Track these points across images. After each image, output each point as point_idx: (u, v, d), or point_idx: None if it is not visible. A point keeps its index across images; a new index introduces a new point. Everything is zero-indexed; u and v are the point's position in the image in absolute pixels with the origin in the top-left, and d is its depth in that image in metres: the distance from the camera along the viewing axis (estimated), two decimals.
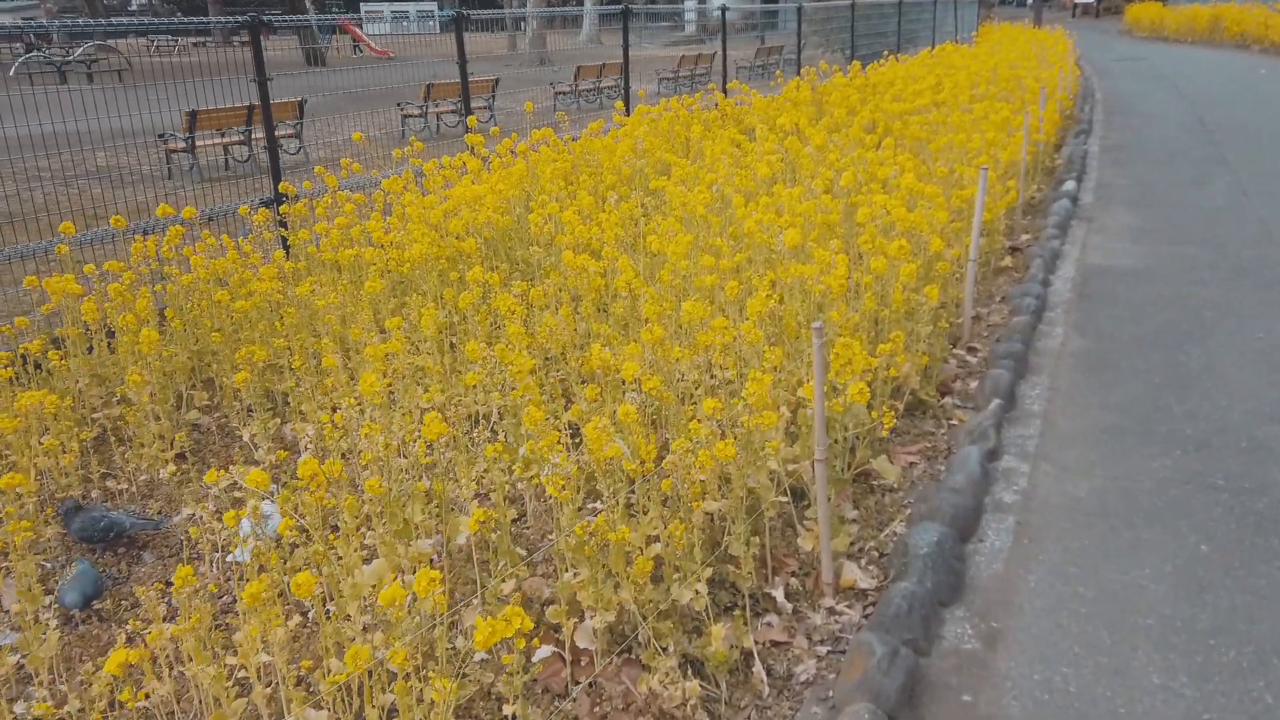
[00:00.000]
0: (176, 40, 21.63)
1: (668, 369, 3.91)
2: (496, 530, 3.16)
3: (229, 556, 3.69)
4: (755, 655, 2.98)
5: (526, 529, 3.88)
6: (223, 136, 11.84)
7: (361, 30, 24.57)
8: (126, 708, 2.90)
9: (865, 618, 3.21)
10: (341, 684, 2.57)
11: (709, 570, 2.95)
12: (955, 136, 7.64)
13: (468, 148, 7.39)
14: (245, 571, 3.02)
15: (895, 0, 23.32)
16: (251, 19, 6.78)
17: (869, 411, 3.67)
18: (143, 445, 4.47)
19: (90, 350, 5.04)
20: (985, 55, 16.73)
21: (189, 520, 4.07)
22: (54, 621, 3.37)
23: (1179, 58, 27.44)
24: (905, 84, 10.91)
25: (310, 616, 3.35)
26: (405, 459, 3.72)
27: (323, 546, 2.82)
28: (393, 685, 2.44)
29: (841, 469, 3.63)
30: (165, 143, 11.15)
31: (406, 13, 27.64)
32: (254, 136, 11.49)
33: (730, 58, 15.42)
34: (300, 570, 3.07)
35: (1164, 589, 3.34)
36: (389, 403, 4.10)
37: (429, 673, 2.52)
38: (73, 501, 3.94)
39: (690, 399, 3.97)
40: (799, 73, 13.18)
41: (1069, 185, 9.80)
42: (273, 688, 2.86)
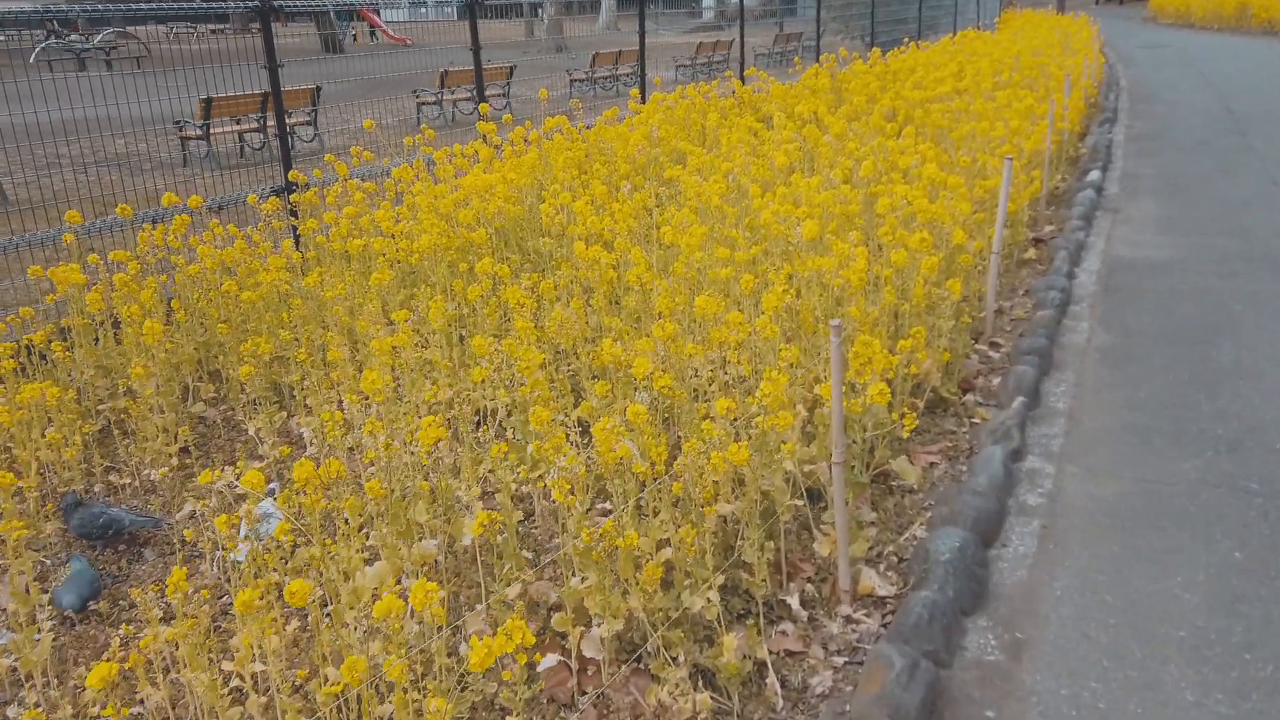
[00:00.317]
0: (195, 27, 21.63)
1: (680, 365, 3.79)
2: (502, 533, 3.06)
3: (230, 555, 3.60)
4: (769, 666, 2.87)
5: (535, 528, 3.78)
6: (238, 124, 11.78)
7: (379, 17, 24.49)
8: (122, 714, 2.82)
9: (884, 626, 3.09)
10: (338, 694, 2.48)
11: (721, 577, 2.83)
12: (978, 125, 7.46)
13: (481, 136, 7.27)
14: (244, 573, 2.94)
15: None
16: (262, 3, 6.67)
17: (889, 411, 3.54)
18: (146, 440, 4.40)
19: (96, 341, 4.97)
20: (1008, 42, 16.46)
21: (191, 518, 4.00)
22: (49, 623, 3.30)
23: (1205, 45, 27.00)
24: (926, 71, 10.70)
25: (312, 619, 3.25)
26: (412, 456, 3.62)
27: (320, 551, 2.72)
28: (391, 696, 2.35)
29: (860, 471, 3.50)
30: (180, 130, 11.10)
31: None
32: (269, 124, 11.42)
33: (748, 45, 15.22)
34: (303, 570, 2.99)
35: (1196, 598, 3.20)
36: (395, 398, 4.01)
37: (428, 684, 2.42)
38: (72, 497, 3.87)
39: (703, 395, 3.86)
40: (818, 60, 12.99)
41: (1094, 175, 9.60)
42: (269, 696, 2.77)
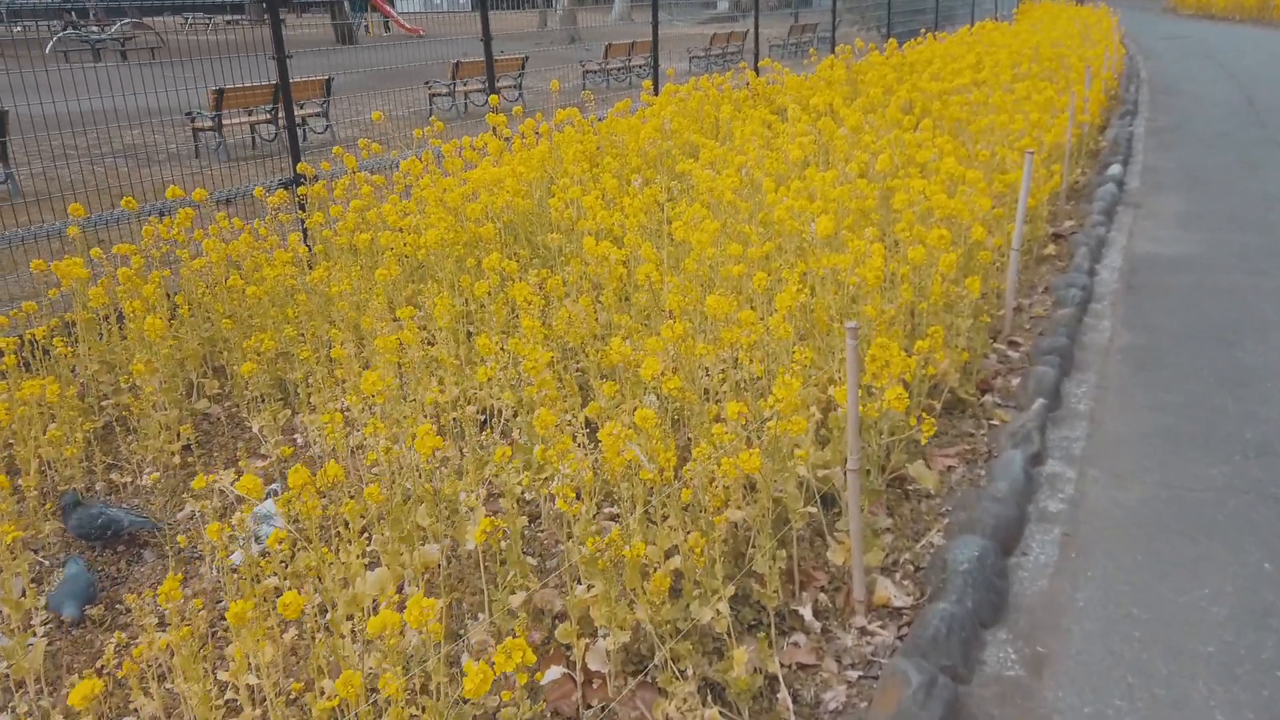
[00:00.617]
0: (210, 18, 21.63)
1: (691, 366, 3.68)
2: (506, 539, 2.97)
3: (230, 558, 3.52)
4: (781, 680, 2.77)
5: (540, 531, 3.69)
6: (249, 115, 11.71)
7: (392, 7, 24.42)
8: None
9: (899, 639, 2.98)
10: (334, 708, 2.39)
11: (731, 589, 2.73)
12: (997, 118, 7.31)
13: (491, 128, 7.17)
14: (244, 575, 2.85)
15: None
16: None
17: (906, 415, 3.42)
18: (147, 437, 4.33)
19: (101, 336, 4.90)
20: (1026, 33, 16.23)
21: (191, 519, 3.92)
22: (42, 629, 3.23)
23: (1226, 36, 26.66)
24: (944, 63, 10.53)
25: (309, 629, 3.17)
26: (415, 456, 3.53)
27: (316, 561, 2.63)
28: (389, 711, 2.26)
29: (875, 477, 3.39)
30: (192, 121, 11.04)
31: None
32: (280, 115, 11.36)
33: (763, 35, 15.08)
34: (304, 573, 2.90)
35: (1225, 612, 3.09)
36: (400, 397, 3.92)
37: (425, 702, 2.33)
38: (71, 496, 3.79)
39: (714, 395, 3.75)
40: (833, 51, 12.83)
41: (1114, 169, 9.42)
42: (264, 709, 2.69)
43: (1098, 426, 4.38)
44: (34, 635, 3.16)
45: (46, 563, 3.72)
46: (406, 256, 5.21)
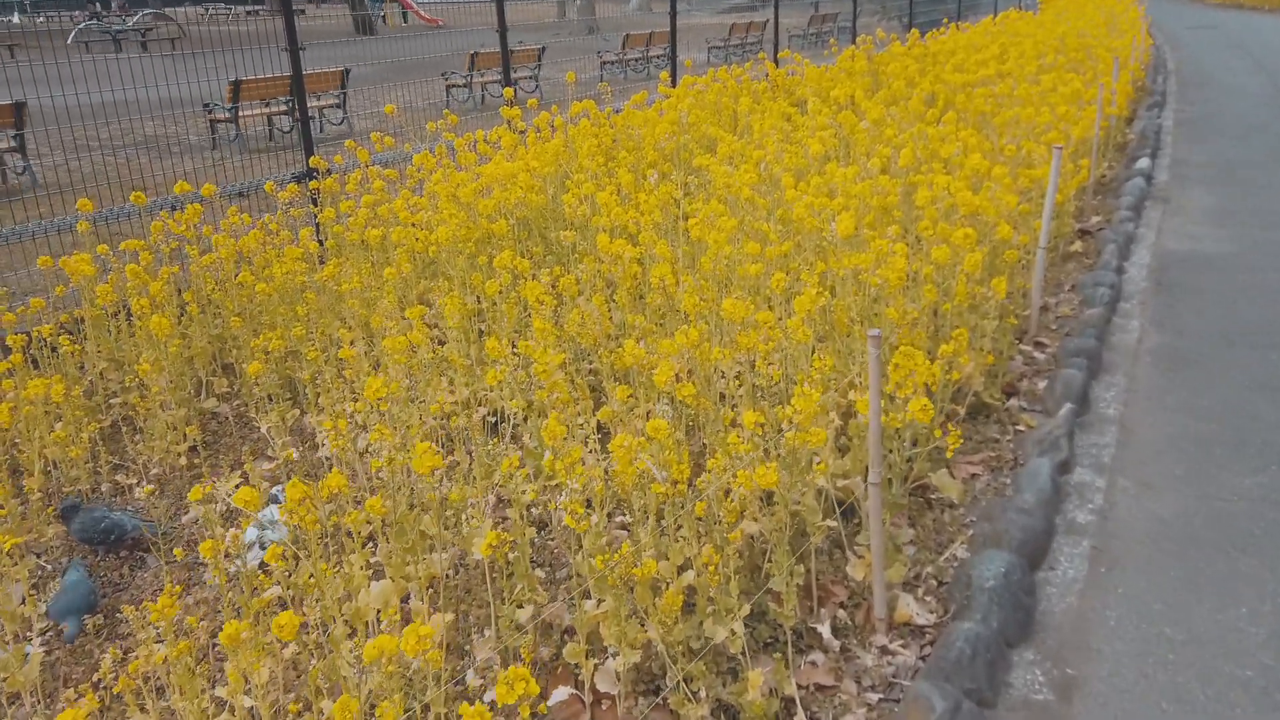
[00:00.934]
0: (230, 8, 21.63)
1: (706, 370, 3.57)
2: (515, 550, 2.87)
3: (232, 565, 3.44)
4: (798, 703, 2.66)
5: (550, 539, 3.58)
6: (266, 106, 11.64)
7: None
8: None
9: (921, 659, 2.87)
10: None
11: (746, 608, 2.62)
12: (1022, 110, 7.13)
13: (506, 120, 7.06)
14: (248, 583, 2.77)
15: None
16: None
17: (931, 426, 3.30)
18: (154, 438, 4.25)
19: (110, 333, 4.84)
20: (1052, 23, 15.97)
21: (196, 522, 3.84)
22: (40, 640, 3.16)
23: (1255, 26, 26.19)
24: (967, 54, 10.33)
25: (312, 638, 3.09)
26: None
27: (315, 575, 2.54)
28: None
29: (897, 488, 3.27)
30: (210, 113, 10.99)
31: None
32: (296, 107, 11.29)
33: (782, 25, 14.89)
34: (306, 583, 2.81)
35: (1264, 633, 2.95)
36: (409, 399, 3.83)
37: None
38: (73, 499, 3.73)
39: (730, 400, 3.64)
40: (854, 41, 12.64)
41: (1143, 162, 9.21)
42: None
43: (1128, 433, 4.24)
44: (31, 645, 3.10)
45: (49, 567, 3.65)
46: (418, 253, 5.12)
